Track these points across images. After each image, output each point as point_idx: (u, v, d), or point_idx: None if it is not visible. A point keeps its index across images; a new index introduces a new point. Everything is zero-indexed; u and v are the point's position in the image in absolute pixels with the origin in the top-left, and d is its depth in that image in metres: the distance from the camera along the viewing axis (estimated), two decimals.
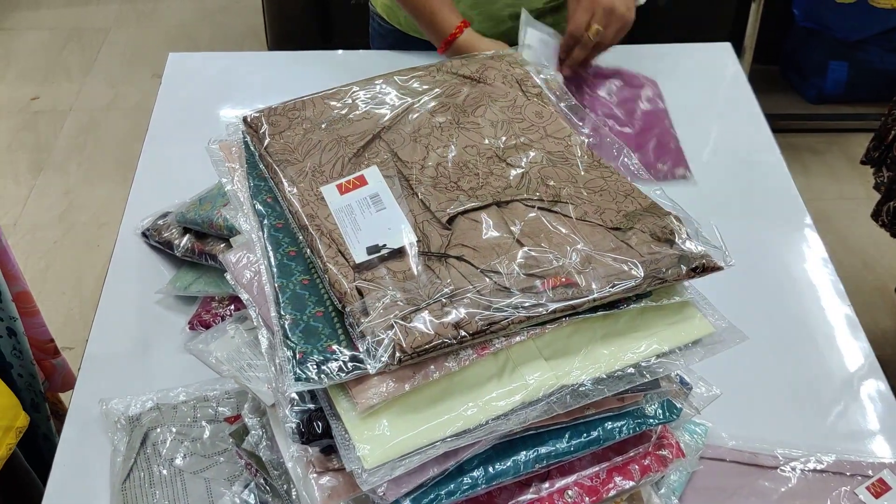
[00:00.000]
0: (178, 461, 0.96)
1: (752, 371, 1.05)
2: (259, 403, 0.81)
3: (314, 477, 0.68)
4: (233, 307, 1.11)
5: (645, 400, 0.73)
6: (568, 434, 0.70)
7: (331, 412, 0.64)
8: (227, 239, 1.10)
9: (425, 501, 0.66)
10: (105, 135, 2.95)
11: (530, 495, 0.72)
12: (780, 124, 1.60)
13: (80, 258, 2.51)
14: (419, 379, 0.63)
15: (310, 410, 0.66)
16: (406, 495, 0.65)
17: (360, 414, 0.62)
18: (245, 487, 0.91)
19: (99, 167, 2.81)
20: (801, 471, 0.94)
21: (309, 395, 0.66)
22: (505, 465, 0.68)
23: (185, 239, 1.16)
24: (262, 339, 0.71)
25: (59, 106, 3.07)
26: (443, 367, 0.63)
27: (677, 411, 0.75)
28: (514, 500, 0.72)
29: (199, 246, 1.14)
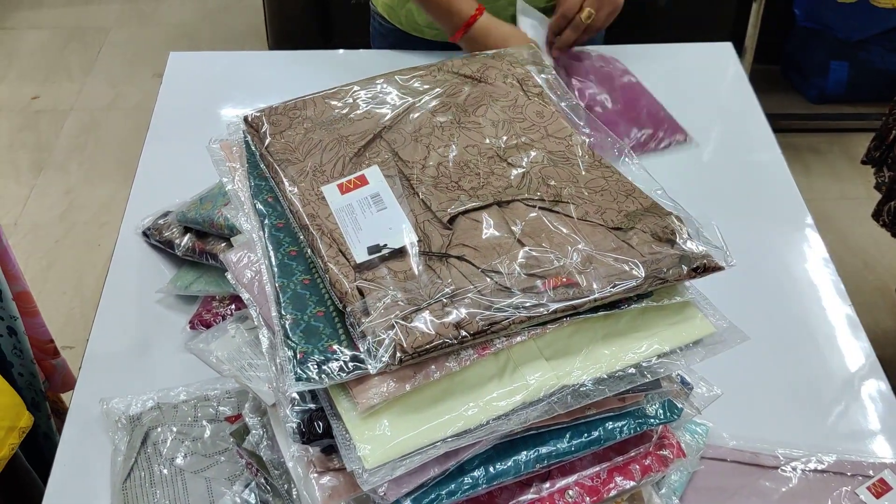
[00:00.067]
0: (179, 460, 0.96)
1: (752, 371, 1.05)
2: (260, 403, 0.81)
3: (315, 477, 0.68)
4: (233, 307, 1.11)
5: (646, 400, 0.73)
6: (569, 434, 0.70)
7: (331, 412, 0.64)
8: (228, 238, 1.10)
9: (426, 501, 0.66)
10: (106, 134, 2.95)
11: (531, 495, 0.72)
12: (781, 124, 1.60)
13: (81, 257, 2.51)
14: (420, 379, 0.63)
15: (310, 410, 0.66)
16: (407, 495, 0.65)
17: (361, 414, 0.62)
18: (246, 487, 0.91)
19: (100, 167, 2.81)
20: (802, 471, 0.94)
21: (310, 394, 0.66)
22: (506, 465, 0.68)
23: (185, 238, 1.16)
24: (263, 339, 0.71)
25: (60, 105, 3.07)
26: (443, 367, 0.63)
27: (678, 411, 0.75)
28: (514, 500, 0.72)
29: (200, 245, 1.14)
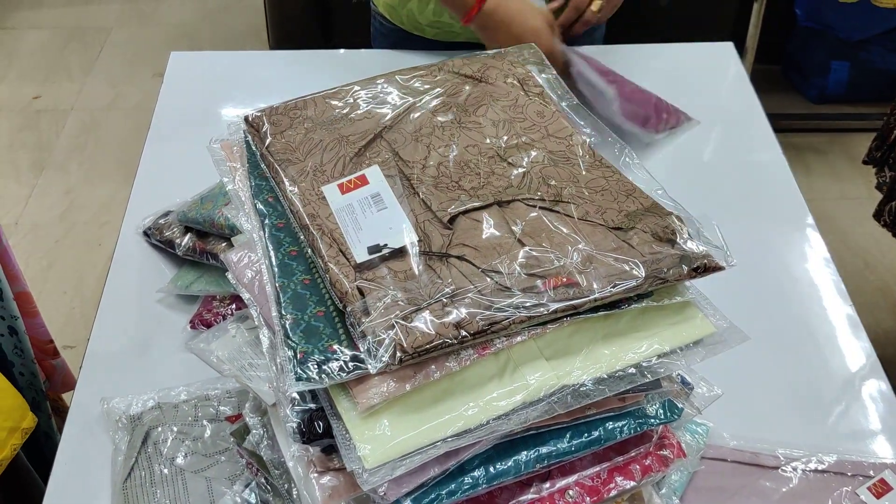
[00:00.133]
0: (180, 460, 0.96)
1: (753, 371, 1.05)
2: (260, 403, 0.81)
3: (315, 476, 0.68)
4: (234, 306, 1.11)
5: (646, 400, 0.73)
6: (569, 434, 0.70)
7: (332, 412, 0.64)
8: (229, 238, 1.10)
9: (426, 501, 0.65)
10: (106, 134, 2.95)
11: (531, 495, 0.72)
12: (781, 124, 1.59)
13: (82, 257, 2.51)
14: (420, 379, 0.63)
15: (311, 410, 0.66)
16: (407, 495, 0.65)
17: (361, 414, 0.62)
18: (246, 487, 0.91)
19: (100, 166, 2.81)
20: (803, 471, 0.94)
21: (310, 394, 0.66)
22: (506, 464, 0.68)
23: (186, 238, 1.16)
24: (264, 339, 0.71)
25: (61, 105, 3.07)
26: (444, 367, 0.63)
27: (678, 411, 0.75)
28: (514, 500, 0.72)
29: (201, 245, 1.14)
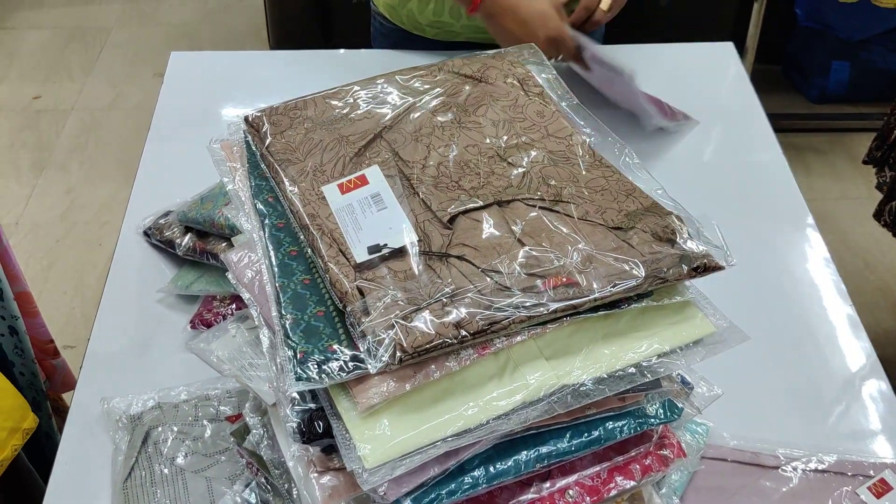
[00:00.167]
0: (180, 460, 0.96)
1: (753, 371, 1.05)
2: (260, 402, 0.82)
3: (315, 476, 0.68)
4: (234, 306, 1.11)
5: (646, 400, 0.73)
6: (569, 434, 0.70)
7: (332, 412, 0.64)
8: (229, 238, 1.10)
9: (426, 501, 0.66)
10: (107, 134, 2.95)
11: (531, 495, 0.72)
12: (782, 124, 1.60)
13: (82, 257, 2.51)
14: (420, 378, 0.63)
15: (311, 410, 0.66)
16: (407, 495, 0.65)
17: (361, 413, 0.62)
18: (246, 486, 0.92)
19: (100, 166, 2.81)
20: (803, 471, 0.94)
21: (310, 394, 0.66)
22: (506, 464, 0.68)
23: (186, 238, 1.16)
24: (264, 339, 0.71)
25: (61, 105, 3.08)
26: (443, 367, 0.63)
27: (678, 411, 0.75)
28: (514, 500, 0.72)
29: (201, 245, 1.14)
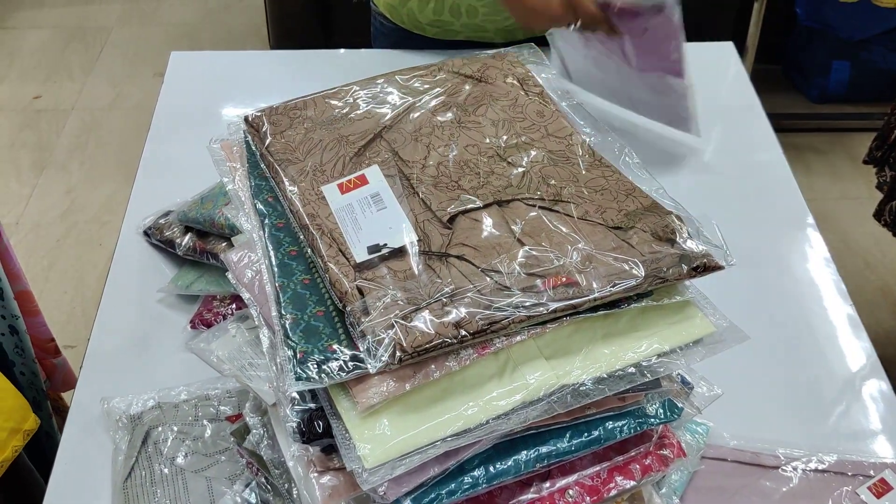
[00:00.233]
0: (180, 460, 0.96)
1: (753, 371, 1.05)
2: (260, 402, 0.82)
3: (315, 476, 0.68)
4: (234, 306, 1.11)
5: (646, 399, 0.73)
6: (569, 433, 0.70)
7: (331, 411, 0.64)
8: (229, 238, 1.10)
9: (426, 501, 0.66)
10: (107, 134, 2.95)
11: (531, 495, 0.72)
12: (782, 124, 1.59)
13: (82, 257, 2.51)
14: (420, 378, 0.63)
15: (310, 410, 0.66)
16: (407, 495, 0.65)
17: (361, 413, 0.62)
18: (246, 486, 0.92)
19: (101, 166, 2.81)
20: (803, 471, 0.94)
21: (310, 394, 0.66)
22: (506, 464, 0.68)
23: (186, 238, 1.16)
24: (264, 339, 0.71)
25: (62, 105, 3.07)
26: (443, 367, 0.63)
27: (678, 411, 0.75)
28: (514, 500, 0.72)
29: (201, 245, 1.14)
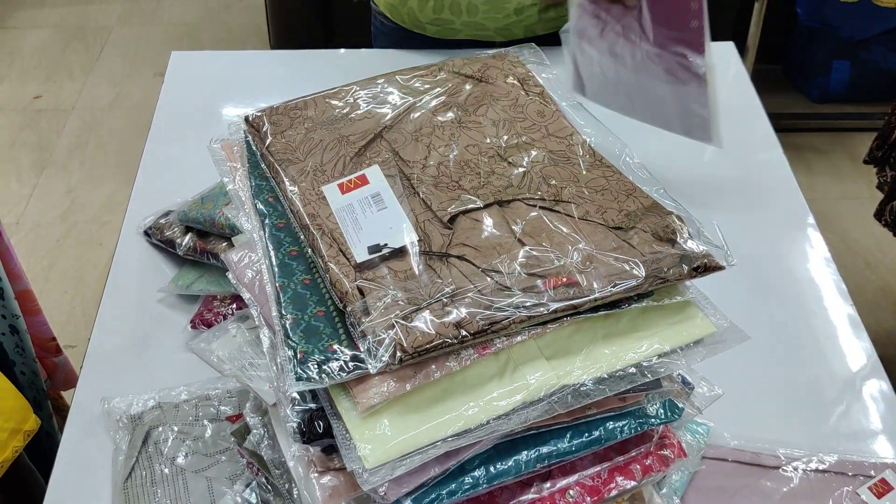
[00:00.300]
0: (180, 460, 0.96)
1: (753, 371, 1.05)
2: (260, 402, 0.82)
3: (315, 476, 0.68)
4: (234, 306, 1.11)
5: (646, 400, 0.73)
6: (569, 434, 0.70)
7: (332, 412, 0.64)
8: (229, 238, 1.10)
9: (426, 501, 0.65)
10: (107, 133, 2.95)
11: (531, 495, 0.72)
12: (782, 123, 1.59)
13: (83, 257, 2.51)
14: (420, 378, 0.63)
15: (311, 410, 0.66)
16: (407, 495, 0.65)
17: (361, 413, 0.62)
18: (246, 486, 0.92)
19: (101, 166, 2.81)
20: (804, 471, 0.94)
21: (310, 394, 0.66)
22: (506, 464, 0.68)
23: (187, 238, 1.16)
24: (264, 339, 0.71)
25: (62, 104, 3.08)
26: (444, 367, 0.63)
27: (679, 411, 0.75)
28: (515, 500, 0.72)
29: (201, 245, 1.14)
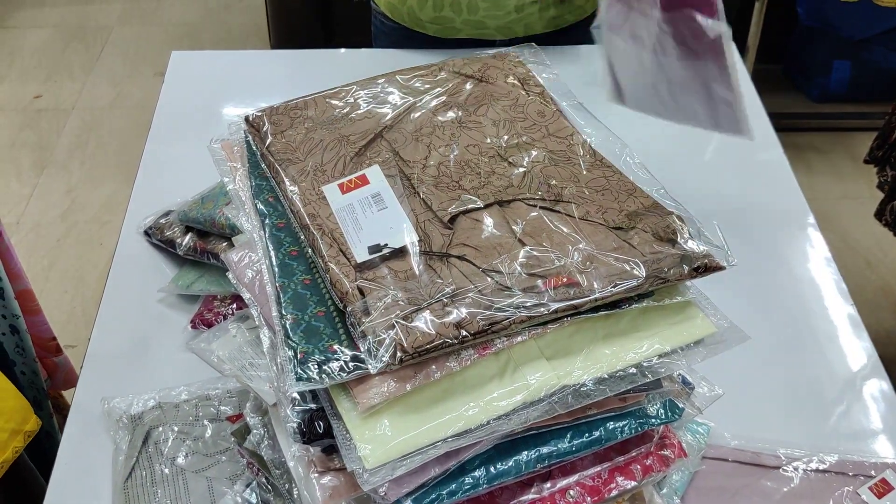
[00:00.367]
0: (180, 460, 0.96)
1: (754, 371, 1.05)
2: (261, 402, 0.81)
3: (315, 476, 0.68)
4: (235, 306, 1.11)
5: (647, 400, 0.73)
6: (570, 434, 0.70)
7: (332, 412, 0.64)
8: (230, 238, 1.10)
9: (427, 501, 0.65)
10: (107, 133, 2.95)
11: (532, 495, 0.72)
12: (783, 123, 1.59)
13: (83, 256, 2.51)
14: (420, 379, 0.63)
15: (311, 410, 0.66)
16: (407, 495, 0.65)
17: (362, 414, 0.62)
18: (247, 486, 0.91)
19: (101, 166, 2.81)
20: (804, 471, 0.94)
21: (310, 394, 0.66)
22: (507, 464, 0.68)
23: (187, 237, 1.16)
24: (264, 339, 0.71)
25: (62, 104, 3.07)
26: (444, 367, 0.63)
27: (679, 411, 0.75)
28: (515, 500, 0.72)
29: (202, 244, 1.14)
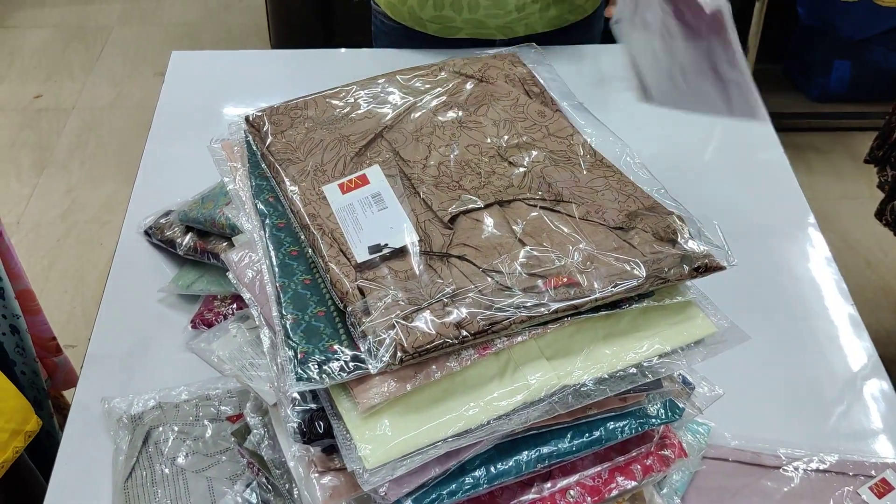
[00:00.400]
0: (180, 460, 0.96)
1: (754, 371, 1.05)
2: (261, 402, 0.81)
3: (316, 476, 0.68)
4: (235, 306, 1.11)
5: (647, 400, 0.73)
6: (570, 434, 0.70)
7: (332, 412, 0.64)
8: (230, 238, 1.10)
9: (427, 501, 0.65)
10: (107, 133, 2.95)
11: (532, 495, 0.72)
12: (783, 123, 1.59)
13: (83, 256, 2.51)
14: (421, 379, 0.63)
15: (311, 410, 0.66)
16: (407, 495, 0.65)
17: (362, 414, 0.62)
18: (247, 486, 0.92)
19: (101, 166, 2.81)
20: (804, 471, 0.94)
21: (310, 394, 0.66)
22: (507, 464, 0.68)
23: (187, 237, 1.16)
24: (264, 339, 0.71)
25: (62, 104, 3.07)
26: (444, 367, 0.63)
27: (679, 411, 0.75)
28: (515, 500, 0.72)
29: (202, 244, 1.14)
